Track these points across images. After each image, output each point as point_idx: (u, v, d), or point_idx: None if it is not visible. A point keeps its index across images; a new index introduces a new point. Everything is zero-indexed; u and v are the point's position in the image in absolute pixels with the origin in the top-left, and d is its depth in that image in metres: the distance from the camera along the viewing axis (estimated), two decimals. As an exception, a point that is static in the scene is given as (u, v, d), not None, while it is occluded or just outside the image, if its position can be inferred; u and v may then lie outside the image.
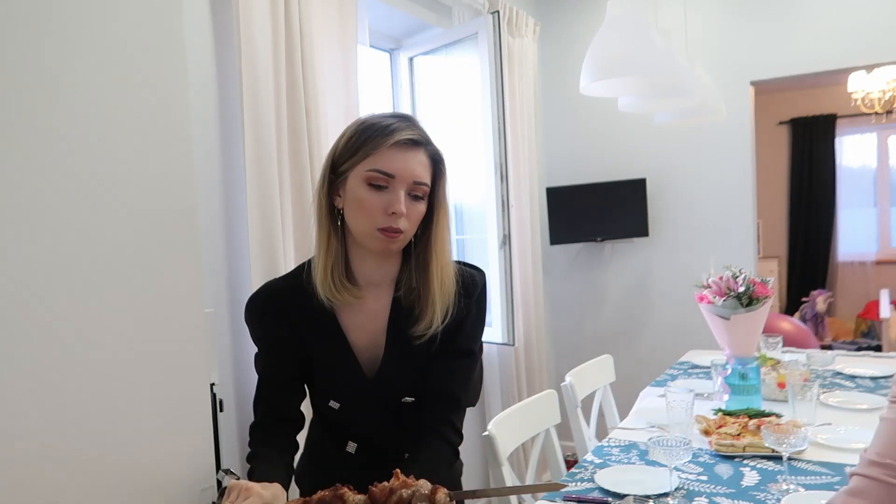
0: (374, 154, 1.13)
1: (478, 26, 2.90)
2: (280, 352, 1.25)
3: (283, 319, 1.23)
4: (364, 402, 1.27)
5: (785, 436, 1.45)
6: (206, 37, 1.97)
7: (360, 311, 1.24)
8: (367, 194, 1.14)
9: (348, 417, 1.28)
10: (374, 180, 1.13)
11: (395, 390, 1.27)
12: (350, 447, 1.30)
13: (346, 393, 1.26)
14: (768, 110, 6.29)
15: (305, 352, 1.25)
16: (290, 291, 1.23)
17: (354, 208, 1.16)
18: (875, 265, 6.43)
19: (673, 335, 3.66)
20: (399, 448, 1.30)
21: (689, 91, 2.22)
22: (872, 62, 3.39)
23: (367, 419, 1.29)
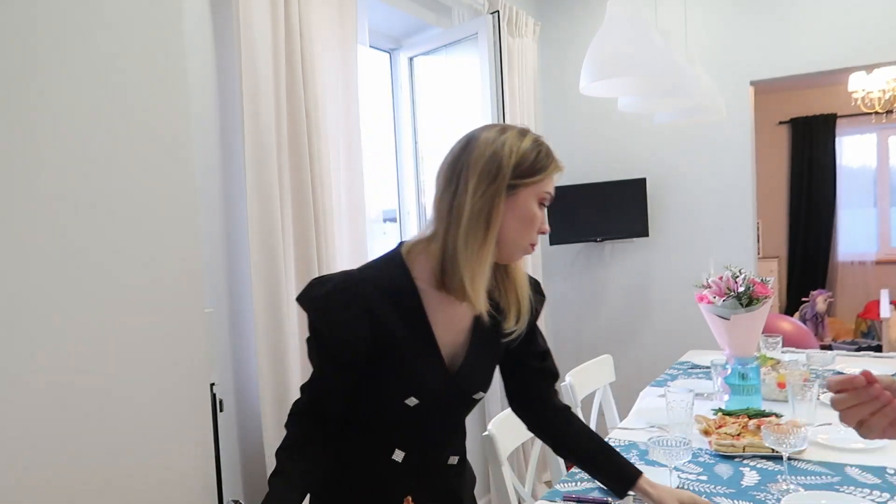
0: (548, 177, 1.21)
1: (478, 26, 2.90)
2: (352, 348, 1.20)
3: (367, 313, 1.18)
4: (442, 398, 1.26)
5: (785, 436, 1.45)
6: (206, 37, 1.97)
7: (448, 308, 1.24)
8: (537, 212, 1.21)
9: (422, 416, 1.26)
10: (545, 201, 1.22)
11: (472, 386, 1.30)
12: (397, 455, 1.27)
13: (426, 389, 1.24)
14: (768, 110, 6.29)
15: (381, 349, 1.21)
16: (374, 284, 1.20)
17: (523, 222, 1.20)
18: (875, 265, 6.43)
19: (673, 335, 3.66)
20: (448, 453, 1.32)
21: (689, 91, 2.22)
22: (872, 62, 3.39)
23: (440, 416, 1.29)
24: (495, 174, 1.16)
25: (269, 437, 2.01)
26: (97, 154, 1.26)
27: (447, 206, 1.18)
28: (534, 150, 1.19)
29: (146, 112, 1.35)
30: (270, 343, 2.01)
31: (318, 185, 2.15)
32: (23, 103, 1.16)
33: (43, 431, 1.18)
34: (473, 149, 1.18)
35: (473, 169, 1.16)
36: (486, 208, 1.16)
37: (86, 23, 1.25)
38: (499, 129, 1.20)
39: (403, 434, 1.28)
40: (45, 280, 1.18)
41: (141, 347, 1.33)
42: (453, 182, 1.18)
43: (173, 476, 1.40)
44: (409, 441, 1.28)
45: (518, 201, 1.18)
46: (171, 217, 1.40)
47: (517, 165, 1.18)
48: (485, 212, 1.16)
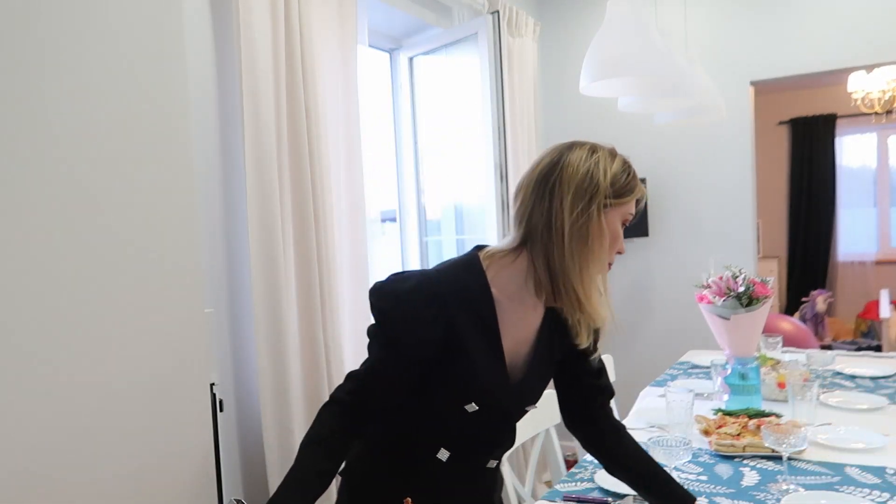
0: (631, 197, 1.22)
1: (478, 26, 2.90)
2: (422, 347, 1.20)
3: (443, 316, 1.18)
4: (500, 408, 1.27)
5: (785, 436, 1.45)
6: (206, 37, 1.97)
7: (518, 320, 1.25)
8: (620, 232, 1.23)
9: (477, 422, 1.26)
10: (627, 222, 1.23)
11: (528, 398, 1.31)
12: (442, 454, 1.28)
13: (487, 397, 1.24)
14: (768, 110, 6.28)
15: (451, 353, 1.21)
16: (453, 288, 1.21)
17: (609, 241, 1.21)
18: (875, 265, 6.43)
19: (673, 335, 3.66)
20: (491, 456, 1.33)
21: (688, 91, 2.22)
22: (872, 62, 3.39)
23: (494, 423, 1.29)
24: (593, 193, 1.18)
25: (269, 437, 2.01)
26: (97, 154, 1.26)
27: (543, 222, 1.19)
28: (624, 172, 1.22)
29: (146, 112, 1.35)
30: (270, 343, 2.01)
31: (318, 185, 2.15)
32: (22, 103, 1.16)
33: (43, 431, 1.18)
34: (566, 166, 1.19)
35: (568, 186, 1.18)
36: (585, 226, 1.18)
37: (85, 23, 1.25)
38: (589, 149, 1.22)
39: (454, 436, 1.28)
40: (45, 280, 1.18)
41: (141, 347, 1.33)
42: (546, 198, 1.19)
43: (173, 476, 1.40)
44: (457, 443, 1.28)
45: (607, 220, 1.20)
46: (171, 217, 1.40)
47: (611, 185, 1.20)
48: (584, 229, 1.18)
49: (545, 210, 1.18)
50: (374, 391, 1.22)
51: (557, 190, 1.18)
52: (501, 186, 2.89)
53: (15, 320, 1.14)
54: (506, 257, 1.23)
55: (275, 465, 2.01)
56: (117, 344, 1.29)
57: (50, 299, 1.19)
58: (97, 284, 1.26)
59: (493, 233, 2.93)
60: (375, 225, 2.72)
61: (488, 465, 1.34)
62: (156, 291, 1.36)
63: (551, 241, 1.17)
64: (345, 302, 2.35)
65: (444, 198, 3.30)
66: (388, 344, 1.22)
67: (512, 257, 1.23)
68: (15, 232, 1.14)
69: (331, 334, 2.19)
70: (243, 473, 2.06)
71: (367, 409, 1.22)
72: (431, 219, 3.31)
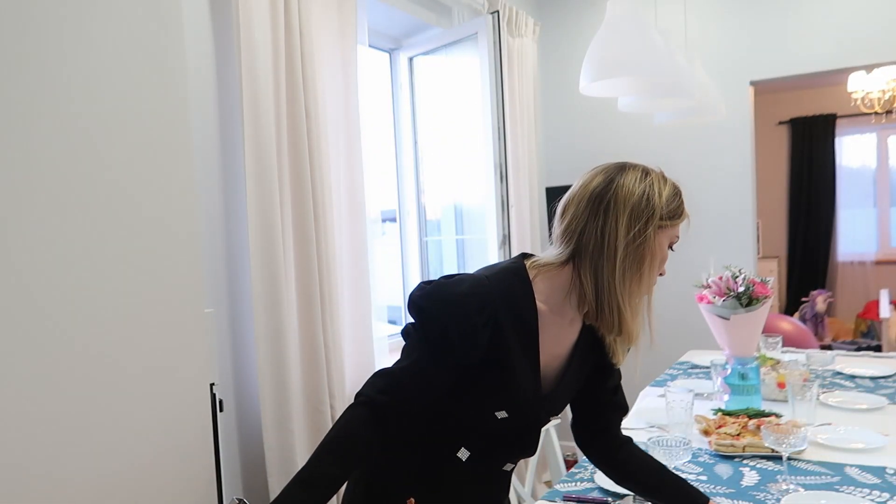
0: (677, 220, 1.26)
1: (477, 26, 2.90)
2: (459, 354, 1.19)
3: (493, 323, 1.19)
4: (529, 416, 1.28)
5: (784, 436, 1.45)
6: (206, 37, 1.97)
7: (556, 332, 1.27)
8: (667, 253, 1.26)
9: (503, 429, 1.27)
10: (673, 244, 1.27)
11: (556, 410, 1.33)
12: (462, 454, 1.28)
13: (519, 406, 1.25)
14: (768, 110, 6.29)
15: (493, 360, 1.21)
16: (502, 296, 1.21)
17: (654, 261, 1.24)
18: (875, 265, 6.43)
19: (673, 335, 3.66)
20: (507, 460, 1.34)
21: (688, 91, 2.22)
22: (872, 62, 3.39)
23: (520, 431, 1.30)
24: (650, 215, 1.21)
25: (269, 437, 2.01)
26: (97, 154, 1.27)
27: (596, 240, 1.20)
28: (676, 195, 1.26)
29: (146, 112, 1.35)
30: (270, 343, 2.01)
31: (318, 185, 2.15)
32: (22, 104, 1.16)
33: (43, 431, 1.18)
34: (621, 186, 1.21)
35: (624, 206, 1.20)
36: (641, 246, 1.20)
37: (85, 23, 1.25)
38: (643, 171, 1.24)
39: (477, 439, 1.28)
40: (45, 280, 1.18)
41: (141, 347, 1.33)
42: (600, 217, 1.20)
43: (173, 476, 1.40)
44: (478, 445, 1.29)
45: (657, 241, 1.22)
46: (171, 217, 1.40)
47: (665, 207, 1.23)
48: (640, 249, 1.20)
49: (599, 228, 1.20)
50: (408, 391, 1.20)
51: (612, 209, 1.20)
52: (501, 186, 2.89)
53: (15, 320, 1.14)
54: (552, 270, 1.24)
55: (275, 465, 2.01)
56: (117, 344, 1.29)
57: (50, 299, 1.19)
58: (97, 284, 1.26)
59: (493, 233, 2.93)
60: (375, 225, 2.72)
61: (505, 467, 1.35)
62: (156, 291, 1.36)
63: (602, 259, 1.19)
64: (345, 302, 2.35)
65: (444, 198, 3.30)
66: (434, 345, 1.20)
67: (558, 270, 1.24)
68: (14, 232, 1.14)
69: (331, 334, 2.19)
70: (243, 473, 2.06)
71: (396, 410, 1.19)
72: (431, 219, 3.32)
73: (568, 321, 1.28)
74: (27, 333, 1.16)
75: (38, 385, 1.17)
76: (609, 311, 1.21)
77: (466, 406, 1.24)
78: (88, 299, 1.25)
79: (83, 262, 1.24)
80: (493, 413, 1.24)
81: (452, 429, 1.27)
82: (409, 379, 1.20)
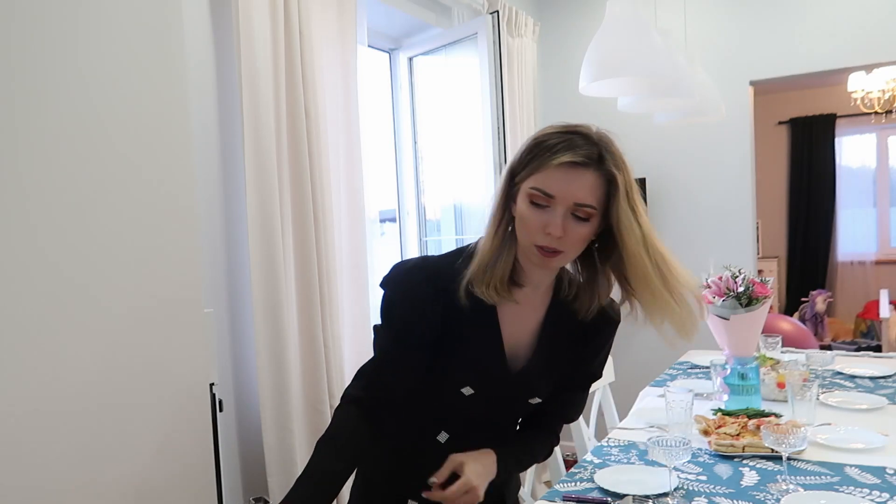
0: (539, 172, 1.13)
1: (477, 26, 2.90)
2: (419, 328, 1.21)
3: (441, 294, 1.20)
4: (499, 394, 1.27)
5: (784, 436, 1.45)
6: (206, 37, 1.97)
7: (517, 307, 1.25)
8: (528, 211, 1.14)
9: (474, 407, 1.27)
10: (536, 199, 1.14)
11: (529, 389, 1.29)
12: (442, 436, 1.29)
13: (484, 381, 1.25)
14: (768, 110, 6.28)
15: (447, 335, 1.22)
16: (453, 271, 1.21)
17: (518, 221, 1.17)
18: (874, 265, 6.43)
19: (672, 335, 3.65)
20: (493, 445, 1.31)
21: (688, 91, 2.22)
22: (872, 62, 3.39)
23: (492, 411, 1.29)
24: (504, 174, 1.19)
25: (269, 437, 2.01)
26: (96, 154, 1.26)
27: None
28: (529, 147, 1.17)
29: (146, 112, 1.35)
30: (270, 343, 2.01)
31: (318, 185, 2.15)
32: (22, 104, 1.16)
33: (42, 431, 1.18)
34: None
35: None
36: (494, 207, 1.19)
37: (85, 23, 1.25)
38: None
39: (453, 419, 1.29)
40: (45, 280, 1.18)
41: (141, 347, 1.33)
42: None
43: (173, 476, 1.40)
44: (456, 426, 1.29)
45: (518, 199, 1.17)
46: (171, 217, 1.40)
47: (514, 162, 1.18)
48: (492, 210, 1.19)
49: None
50: (386, 382, 1.23)
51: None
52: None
53: (14, 320, 1.14)
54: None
55: (274, 464, 2.01)
56: (117, 344, 1.29)
57: (49, 299, 1.19)
58: (96, 284, 1.26)
59: (493, 233, 2.93)
60: (375, 225, 2.72)
61: None
62: (155, 291, 1.36)
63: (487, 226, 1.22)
64: (345, 302, 2.35)
65: (443, 198, 3.30)
66: (395, 327, 1.23)
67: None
68: (14, 232, 1.14)
69: (330, 334, 2.19)
70: (243, 473, 2.06)
71: (380, 401, 1.23)
72: (431, 219, 3.32)
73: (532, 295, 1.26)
74: (27, 333, 1.16)
75: (38, 385, 1.17)
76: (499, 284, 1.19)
77: (433, 384, 1.25)
78: (88, 299, 1.24)
79: (82, 262, 1.24)
80: (460, 389, 1.24)
81: (430, 411, 1.29)
82: (383, 368, 1.24)
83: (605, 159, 1.14)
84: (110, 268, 1.28)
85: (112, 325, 1.29)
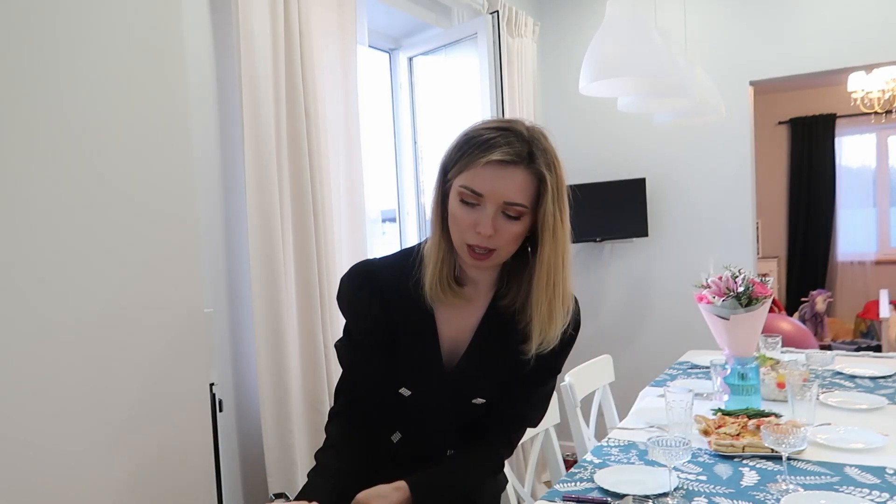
0: (468, 170, 1.12)
1: (477, 26, 2.90)
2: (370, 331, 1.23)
3: (378, 297, 1.22)
4: (435, 394, 1.27)
5: (784, 436, 1.45)
6: (206, 37, 1.97)
7: (456, 305, 1.24)
8: (459, 209, 1.13)
9: (415, 407, 1.28)
10: (465, 197, 1.12)
11: (468, 389, 1.28)
12: (395, 436, 1.31)
13: (420, 381, 1.26)
14: (768, 110, 6.29)
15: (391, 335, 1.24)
16: (392, 271, 1.23)
17: (450, 219, 1.16)
18: (874, 265, 6.43)
19: (672, 335, 3.66)
20: (446, 445, 1.32)
21: (688, 91, 2.22)
22: (872, 62, 3.39)
23: (433, 412, 1.29)
24: (438, 171, 1.19)
25: (269, 438, 2.01)
26: (96, 154, 1.26)
27: None
28: (458, 144, 1.16)
29: (146, 112, 1.35)
30: (270, 343, 2.01)
31: (318, 185, 2.15)
32: (22, 104, 1.16)
33: (42, 431, 1.18)
34: None
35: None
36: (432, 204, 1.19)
37: (85, 23, 1.25)
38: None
39: (400, 419, 1.30)
40: (45, 279, 1.18)
41: (141, 347, 1.33)
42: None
43: (173, 476, 1.40)
44: (405, 427, 1.31)
45: (450, 197, 1.16)
46: (171, 217, 1.40)
47: (445, 160, 1.18)
48: (431, 207, 1.19)
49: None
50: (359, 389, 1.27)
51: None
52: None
53: (14, 320, 1.14)
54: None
55: (274, 465, 2.01)
56: (117, 344, 1.29)
57: (49, 299, 1.19)
58: (96, 284, 1.26)
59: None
60: (375, 225, 2.72)
61: (448, 452, 1.32)
62: (155, 291, 1.36)
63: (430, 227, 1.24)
64: (344, 302, 2.35)
65: (443, 198, 3.29)
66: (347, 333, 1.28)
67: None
68: (14, 232, 1.14)
69: (330, 334, 2.19)
70: (243, 473, 2.06)
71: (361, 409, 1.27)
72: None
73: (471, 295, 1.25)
74: (26, 333, 1.16)
75: (38, 385, 1.17)
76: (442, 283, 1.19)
77: (378, 388, 1.27)
78: (88, 299, 1.24)
79: (82, 263, 1.24)
80: (398, 390, 1.26)
81: (384, 411, 1.30)
82: (350, 378, 1.28)
83: (535, 157, 1.13)
84: (110, 268, 1.28)
85: (112, 325, 1.28)
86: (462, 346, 1.26)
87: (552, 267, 1.15)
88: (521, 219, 1.13)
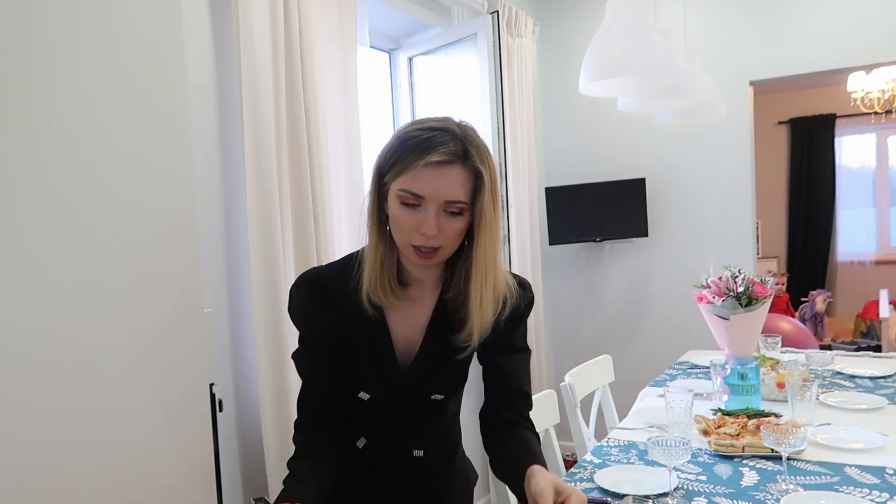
0: (405, 173, 1.12)
1: (477, 26, 2.90)
2: (325, 339, 1.24)
3: (327, 304, 1.23)
4: (394, 395, 1.28)
5: (784, 436, 1.45)
6: (206, 38, 1.97)
7: (405, 306, 1.25)
8: (400, 212, 1.14)
9: (375, 411, 1.28)
10: (406, 199, 1.13)
11: (425, 386, 1.29)
12: (360, 442, 1.31)
13: (377, 384, 1.26)
14: (768, 110, 6.29)
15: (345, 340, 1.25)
16: (338, 277, 1.24)
17: (392, 223, 1.17)
18: (874, 265, 6.43)
19: (672, 335, 3.66)
20: (412, 445, 1.32)
21: (688, 91, 2.22)
22: (872, 62, 3.40)
23: (394, 413, 1.29)
24: (373, 174, 1.20)
25: (269, 437, 2.01)
26: (96, 153, 1.26)
27: None
28: (393, 147, 1.16)
29: (146, 112, 1.35)
30: (270, 343, 2.01)
31: (318, 185, 2.15)
32: (22, 104, 1.16)
33: (42, 431, 1.18)
34: None
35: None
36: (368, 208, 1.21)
37: (85, 23, 1.25)
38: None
39: (363, 424, 1.31)
40: (44, 279, 1.18)
41: (141, 347, 1.33)
42: None
43: (173, 476, 1.40)
44: (369, 431, 1.31)
45: (389, 200, 1.17)
46: (171, 217, 1.40)
47: (380, 162, 1.18)
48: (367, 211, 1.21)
49: None
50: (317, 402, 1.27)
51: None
52: (500, 186, 2.89)
53: (14, 320, 1.14)
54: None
55: (274, 465, 2.01)
56: (116, 344, 1.29)
57: (49, 299, 1.19)
58: (96, 284, 1.26)
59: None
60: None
61: (415, 454, 1.32)
62: (155, 291, 1.36)
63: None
64: (344, 302, 2.35)
65: (443, 198, 3.29)
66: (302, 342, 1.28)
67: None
68: (14, 232, 1.14)
69: (330, 334, 2.18)
70: (243, 473, 2.06)
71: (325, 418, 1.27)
72: (431, 219, 3.31)
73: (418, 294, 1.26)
74: (26, 333, 1.16)
75: (38, 385, 1.17)
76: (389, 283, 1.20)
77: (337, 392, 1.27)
78: (87, 299, 1.24)
79: (82, 262, 1.24)
80: (357, 396, 1.27)
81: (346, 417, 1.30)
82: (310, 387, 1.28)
83: (470, 154, 1.15)
84: (110, 267, 1.28)
85: (112, 325, 1.28)
86: (415, 345, 1.27)
87: (488, 257, 1.18)
88: (463, 214, 1.15)
